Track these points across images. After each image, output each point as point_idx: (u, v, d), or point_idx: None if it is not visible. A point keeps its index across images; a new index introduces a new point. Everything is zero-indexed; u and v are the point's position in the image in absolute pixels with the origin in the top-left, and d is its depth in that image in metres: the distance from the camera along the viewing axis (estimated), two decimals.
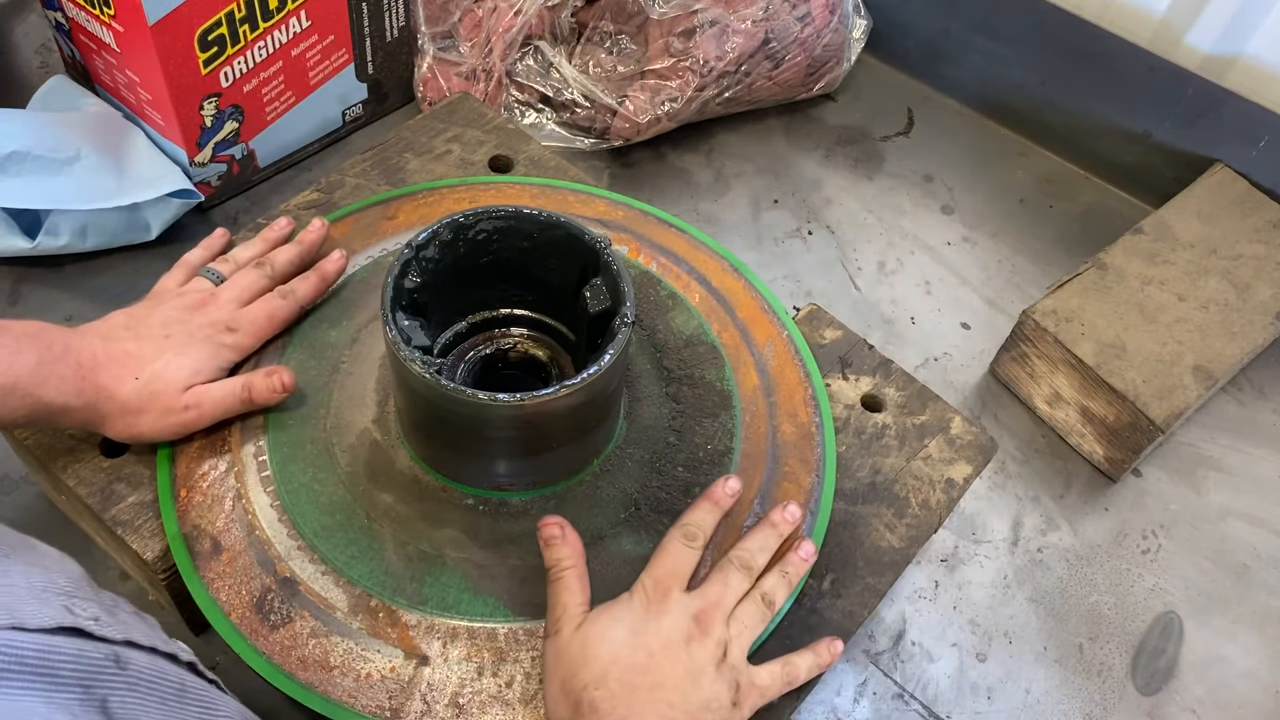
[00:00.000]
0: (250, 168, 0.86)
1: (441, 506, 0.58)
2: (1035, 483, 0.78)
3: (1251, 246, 0.85)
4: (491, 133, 0.79)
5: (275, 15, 0.78)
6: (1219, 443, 0.82)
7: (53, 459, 0.59)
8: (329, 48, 0.84)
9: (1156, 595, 0.73)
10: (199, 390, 0.58)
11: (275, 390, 0.59)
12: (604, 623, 0.50)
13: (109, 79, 0.82)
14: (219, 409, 0.59)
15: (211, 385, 0.59)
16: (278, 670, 0.52)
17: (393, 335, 0.53)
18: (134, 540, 0.56)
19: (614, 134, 0.92)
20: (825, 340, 0.69)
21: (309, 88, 0.85)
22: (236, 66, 0.78)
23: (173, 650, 0.40)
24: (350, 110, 0.91)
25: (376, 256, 0.69)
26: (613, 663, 0.48)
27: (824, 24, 0.94)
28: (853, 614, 0.58)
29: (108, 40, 0.77)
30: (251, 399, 0.59)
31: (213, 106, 0.79)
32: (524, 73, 0.94)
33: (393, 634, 0.53)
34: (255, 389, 0.59)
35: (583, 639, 0.50)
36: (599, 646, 0.49)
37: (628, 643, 0.49)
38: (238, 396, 0.59)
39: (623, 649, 0.49)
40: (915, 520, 0.62)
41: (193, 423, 0.58)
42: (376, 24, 0.87)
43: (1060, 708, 0.67)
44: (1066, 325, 0.78)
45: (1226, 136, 0.91)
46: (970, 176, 0.99)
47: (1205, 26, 0.91)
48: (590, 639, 0.49)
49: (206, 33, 0.74)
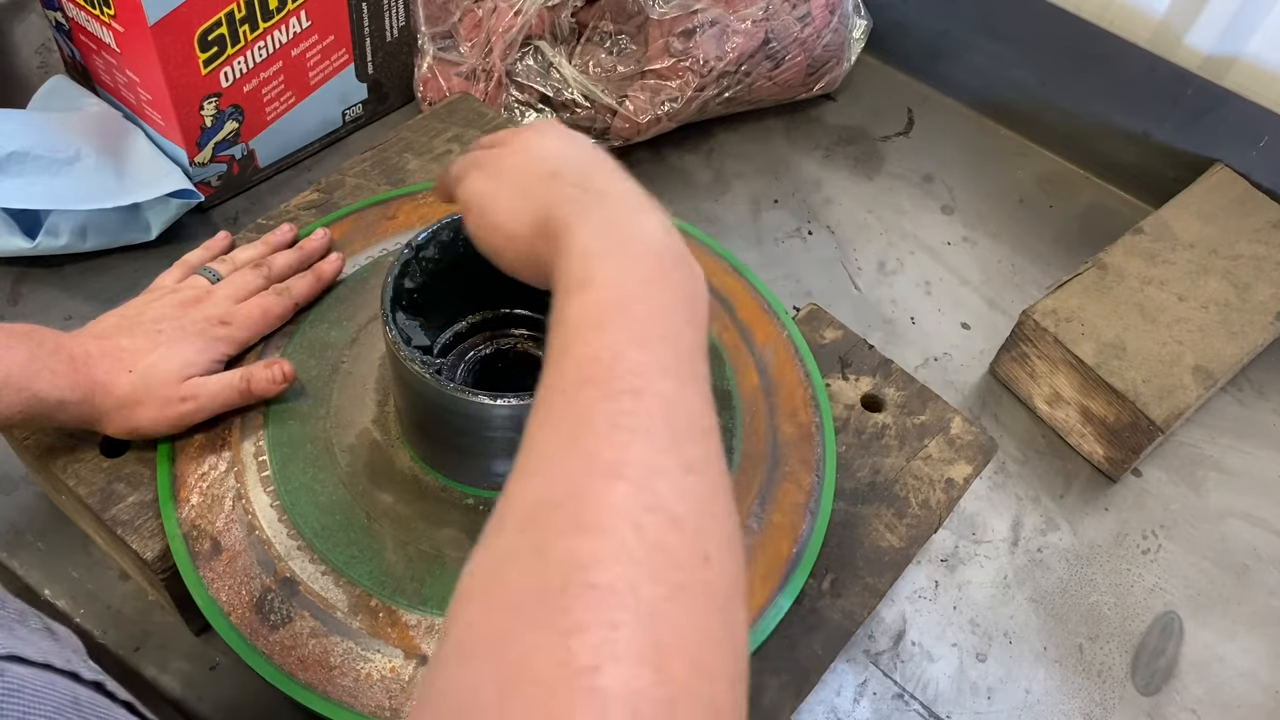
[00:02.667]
0: (250, 168, 0.86)
1: (442, 506, 0.58)
2: (1035, 483, 0.78)
3: (1251, 246, 0.85)
4: (491, 132, 0.79)
5: (275, 15, 0.78)
6: (1219, 443, 0.82)
7: (53, 459, 0.59)
8: (329, 48, 0.84)
9: (1156, 595, 0.73)
10: (196, 382, 0.58)
11: (275, 381, 0.59)
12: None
13: (109, 79, 0.82)
14: (217, 401, 0.59)
15: (210, 377, 0.59)
16: (277, 670, 0.52)
17: (393, 335, 0.53)
18: (134, 540, 0.56)
19: (614, 134, 0.92)
20: (825, 340, 0.69)
21: (309, 88, 0.85)
22: (236, 66, 0.78)
23: (74, 669, 0.40)
24: (350, 110, 0.91)
25: (376, 256, 0.69)
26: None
27: (824, 24, 0.94)
28: (852, 614, 0.58)
29: (108, 40, 0.77)
30: (250, 390, 0.59)
31: (213, 106, 0.79)
32: (524, 73, 0.93)
33: (393, 634, 0.53)
34: (254, 380, 0.59)
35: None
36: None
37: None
38: (236, 388, 0.59)
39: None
40: (915, 520, 0.62)
41: (191, 414, 0.58)
42: (376, 24, 0.87)
43: (1060, 708, 0.67)
44: (1066, 325, 0.78)
45: (1226, 136, 0.91)
46: (970, 176, 0.99)
47: (1205, 26, 0.91)
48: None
49: (206, 33, 0.74)
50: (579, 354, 0.35)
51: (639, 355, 0.35)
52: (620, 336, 0.35)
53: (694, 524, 0.31)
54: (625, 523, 0.30)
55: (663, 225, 0.40)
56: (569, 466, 0.32)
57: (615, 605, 0.28)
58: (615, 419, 0.33)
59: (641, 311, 0.36)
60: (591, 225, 0.40)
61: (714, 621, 0.30)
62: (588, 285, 0.37)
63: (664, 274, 0.38)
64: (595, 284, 0.37)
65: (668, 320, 0.36)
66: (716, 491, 0.33)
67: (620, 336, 0.35)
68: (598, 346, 0.35)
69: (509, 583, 0.30)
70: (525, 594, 0.29)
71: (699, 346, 0.37)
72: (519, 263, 0.45)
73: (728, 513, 0.33)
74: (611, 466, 0.31)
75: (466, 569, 0.32)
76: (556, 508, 0.31)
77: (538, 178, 0.44)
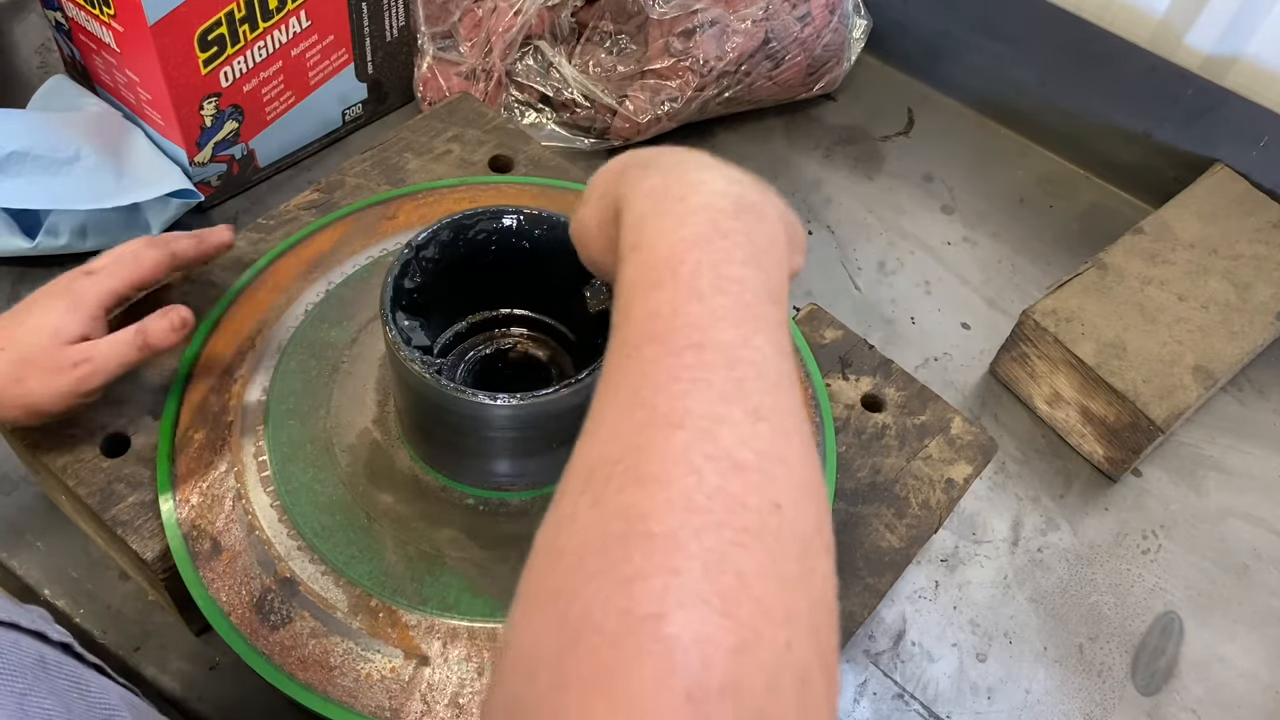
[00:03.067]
0: (250, 167, 0.86)
1: (441, 506, 0.58)
2: (1035, 483, 0.78)
3: (1251, 246, 0.85)
4: (492, 132, 0.79)
5: (275, 15, 0.78)
6: (1219, 443, 0.82)
7: (53, 459, 0.59)
8: (329, 47, 0.84)
9: (1156, 595, 0.73)
10: (86, 345, 0.56)
11: (174, 328, 0.56)
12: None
13: (109, 79, 0.82)
14: (114, 361, 0.56)
15: (102, 340, 0.56)
16: (277, 670, 0.52)
17: (392, 335, 0.53)
18: (134, 540, 0.56)
19: (614, 134, 0.92)
20: (825, 340, 0.69)
21: (309, 87, 0.85)
22: (236, 66, 0.78)
23: (40, 629, 0.40)
24: (350, 110, 0.91)
25: (376, 256, 0.69)
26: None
27: (824, 24, 0.94)
28: (853, 614, 0.58)
29: (108, 40, 0.77)
30: (149, 343, 0.56)
31: (213, 106, 0.79)
32: (524, 72, 0.93)
33: (393, 634, 0.53)
34: (150, 332, 0.56)
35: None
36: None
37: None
38: (133, 344, 0.56)
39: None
40: (915, 520, 0.62)
41: (87, 378, 0.55)
42: (376, 24, 0.87)
43: (1060, 708, 0.67)
44: (1066, 325, 0.78)
45: (1226, 136, 0.91)
46: (970, 176, 0.99)
47: (1205, 26, 0.91)
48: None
49: (206, 32, 0.74)
50: (637, 314, 0.35)
51: (696, 308, 0.34)
52: (677, 292, 0.35)
53: (761, 470, 0.30)
54: (685, 471, 0.29)
55: (724, 177, 0.39)
56: (629, 422, 0.32)
57: (677, 552, 0.28)
58: (675, 372, 0.32)
59: (696, 264, 0.35)
60: (643, 191, 0.39)
61: (788, 567, 0.29)
62: (639, 247, 0.37)
63: (717, 224, 0.37)
64: (645, 245, 0.37)
65: (727, 269, 0.36)
66: (790, 437, 0.32)
67: (677, 292, 0.35)
68: (656, 303, 0.35)
69: (570, 538, 0.30)
70: (586, 547, 0.29)
71: (769, 293, 0.36)
72: (599, 253, 0.44)
73: (804, 459, 0.32)
74: (671, 417, 0.31)
75: (538, 532, 0.32)
76: (616, 462, 0.31)
77: (618, 172, 0.43)
